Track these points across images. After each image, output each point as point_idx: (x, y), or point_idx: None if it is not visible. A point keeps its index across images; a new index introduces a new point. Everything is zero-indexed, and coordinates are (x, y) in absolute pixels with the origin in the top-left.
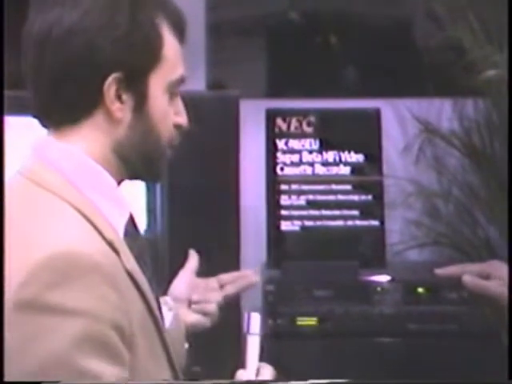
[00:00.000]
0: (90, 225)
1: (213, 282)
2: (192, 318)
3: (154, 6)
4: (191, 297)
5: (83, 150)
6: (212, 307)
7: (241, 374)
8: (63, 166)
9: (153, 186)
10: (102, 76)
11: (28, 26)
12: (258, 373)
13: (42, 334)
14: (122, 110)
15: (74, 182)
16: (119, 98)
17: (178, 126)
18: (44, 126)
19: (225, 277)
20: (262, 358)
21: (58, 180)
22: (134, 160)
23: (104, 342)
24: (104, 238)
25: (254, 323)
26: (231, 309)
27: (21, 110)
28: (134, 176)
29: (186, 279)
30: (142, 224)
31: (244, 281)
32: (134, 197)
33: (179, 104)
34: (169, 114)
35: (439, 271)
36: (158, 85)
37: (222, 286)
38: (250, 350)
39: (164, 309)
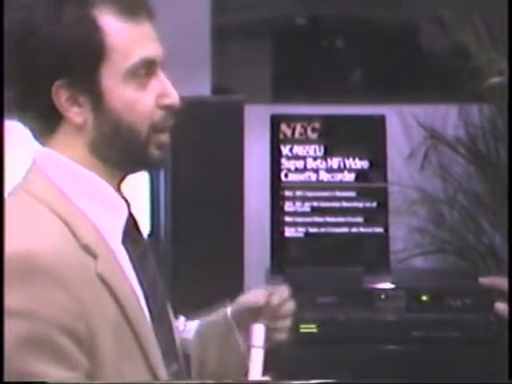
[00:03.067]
0: (66, 228)
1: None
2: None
3: (83, 3)
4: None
5: (66, 155)
6: (287, 324)
7: None
8: (49, 172)
9: (157, 191)
10: (47, 86)
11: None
12: None
13: None
14: (80, 114)
15: (60, 186)
16: (76, 102)
17: (166, 107)
18: (34, 135)
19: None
20: (265, 372)
21: (44, 185)
22: (116, 157)
23: (50, 345)
24: (78, 241)
25: (258, 335)
26: None
27: None
28: (128, 170)
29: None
30: (145, 228)
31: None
32: (138, 201)
33: (162, 86)
34: (139, 101)
35: (484, 280)
36: (111, 77)
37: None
38: (253, 362)
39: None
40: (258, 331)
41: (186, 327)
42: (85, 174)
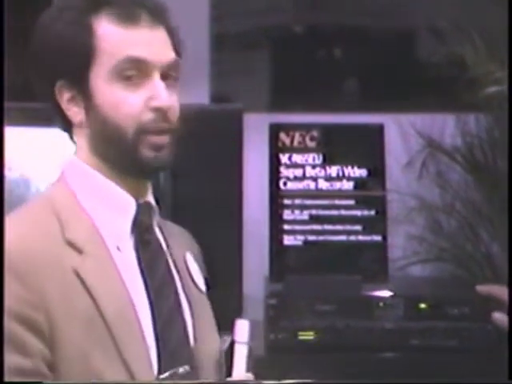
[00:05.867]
0: (57, 225)
1: None
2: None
3: (81, 9)
4: None
5: (79, 157)
6: None
7: None
8: (67, 176)
9: (154, 198)
10: (51, 86)
11: None
12: None
13: None
14: (78, 113)
15: (72, 188)
16: (75, 102)
17: (154, 109)
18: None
19: None
20: (249, 368)
21: (60, 189)
22: (112, 156)
23: (6, 334)
24: (63, 236)
25: (242, 331)
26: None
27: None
28: (130, 172)
29: None
30: None
31: None
32: None
33: (153, 88)
34: (125, 101)
35: (480, 288)
36: (98, 77)
37: None
38: (236, 358)
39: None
40: (242, 327)
41: None
42: (90, 173)
